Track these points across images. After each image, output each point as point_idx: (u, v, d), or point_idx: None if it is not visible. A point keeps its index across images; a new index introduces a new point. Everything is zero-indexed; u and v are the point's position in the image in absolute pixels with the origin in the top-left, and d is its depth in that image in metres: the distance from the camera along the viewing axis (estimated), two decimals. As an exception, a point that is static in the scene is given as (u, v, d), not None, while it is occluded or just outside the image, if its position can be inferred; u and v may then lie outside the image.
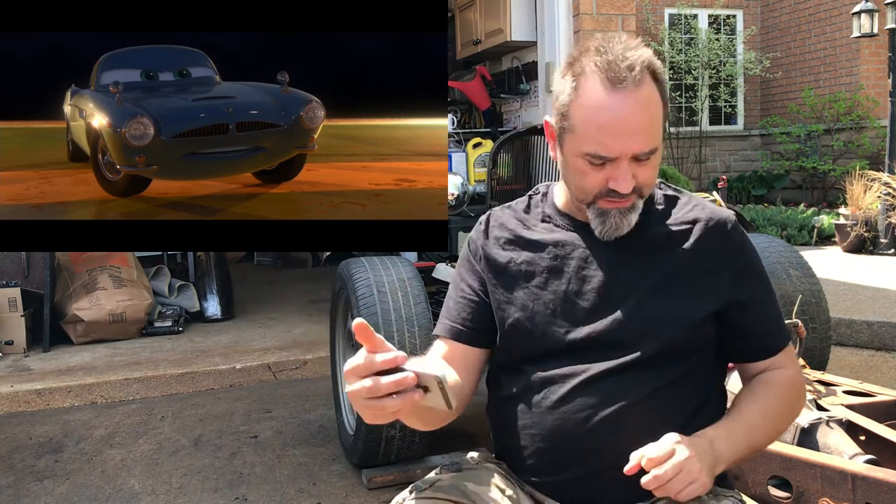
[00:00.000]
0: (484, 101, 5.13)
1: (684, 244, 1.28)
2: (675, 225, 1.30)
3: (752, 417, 1.25)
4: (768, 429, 1.27)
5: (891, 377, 3.78)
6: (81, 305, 4.58)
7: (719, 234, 1.29)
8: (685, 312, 1.24)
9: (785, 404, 1.30)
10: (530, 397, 1.27)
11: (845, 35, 9.51)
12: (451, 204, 3.41)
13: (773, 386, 1.29)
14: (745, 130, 11.27)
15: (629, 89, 1.17)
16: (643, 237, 1.28)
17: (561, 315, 1.27)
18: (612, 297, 1.25)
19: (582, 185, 1.25)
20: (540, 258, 1.31)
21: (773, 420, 1.28)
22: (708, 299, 1.26)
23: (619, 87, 1.17)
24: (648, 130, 1.19)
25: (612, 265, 1.27)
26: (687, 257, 1.27)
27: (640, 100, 1.18)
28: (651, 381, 1.22)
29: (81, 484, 2.78)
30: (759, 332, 1.31)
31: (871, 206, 6.91)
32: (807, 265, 3.02)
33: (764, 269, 1.34)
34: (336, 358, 3.10)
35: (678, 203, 1.33)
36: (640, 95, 1.18)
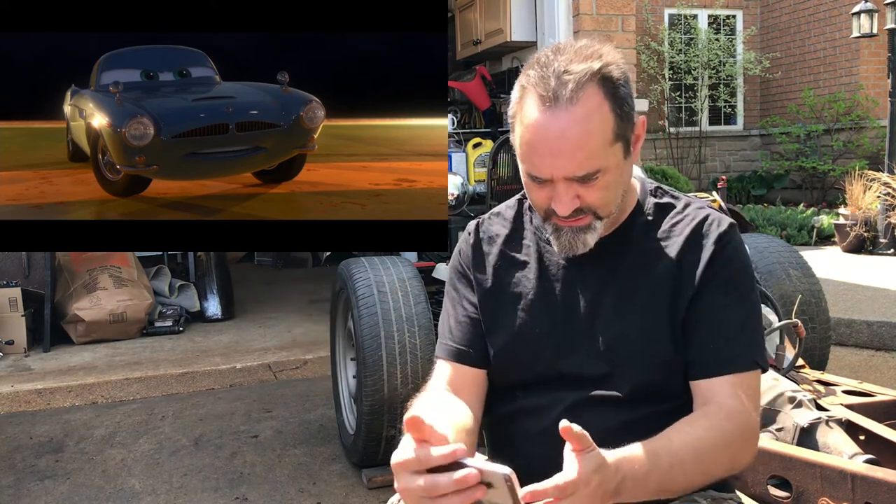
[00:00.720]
0: (484, 101, 5.13)
1: (669, 257, 1.20)
2: (661, 238, 1.22)
3: (682, 454, 1.05)
4: (695, 472, 1.07)
5: (891, 377, 3.78)
6: (82, 305, 4.59)
7: (703, 241, 1.20)
8: (670, 334, 1.18)
9: (724, 442, 1.09)
10: (520, 422, 1.24)
11: (845, 35, 9.51)
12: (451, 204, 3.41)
13: (713, 417, 1.11)
14: (745, 130, 11.28)
15: (561, 108, 1.08)
16: (631, 255, 1.22)
17: (550, 342, 1.22)
18: (600, 322, 1.20)
19: (532, 200, 1.20)
20: (527, 279, 1.26)
21: (704, 461, 1.07)
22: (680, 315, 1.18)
23: (550, 106, 1.09)
24: (583, 150, 1.09)
25: (597, 289, 1.21)
26: (670, 271, 1.20)
27: (573, 119, 1.08)
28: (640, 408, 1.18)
29: (82, 484, 2.78)
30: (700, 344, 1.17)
31: (870, 206, 6.91)
32: (806, 265, 3.02)
33: (748, 289, 1.20)
34: (336, 358, 3.10)
35: (671, 213, 1.25)
36: (575, 114, 1.08)
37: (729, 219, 1.23)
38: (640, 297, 1.19)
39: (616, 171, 1.14)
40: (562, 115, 1.08)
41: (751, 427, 1.14)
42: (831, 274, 5.68)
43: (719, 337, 1.16)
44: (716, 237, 1.20)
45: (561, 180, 1.12)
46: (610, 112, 1.11)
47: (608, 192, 1.14)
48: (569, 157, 1.09)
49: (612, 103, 1.11)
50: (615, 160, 1.13)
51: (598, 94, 1.10)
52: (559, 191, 1.13)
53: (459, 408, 1.18)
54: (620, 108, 1.12)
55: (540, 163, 1.12)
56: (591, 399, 1.19)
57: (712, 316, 1.17)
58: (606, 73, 1.11)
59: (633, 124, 1.15)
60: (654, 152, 10.46)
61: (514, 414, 1.25)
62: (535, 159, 1.12)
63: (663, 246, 1.21)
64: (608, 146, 1.11)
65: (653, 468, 1.01)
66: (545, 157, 1.11)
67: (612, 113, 1.11)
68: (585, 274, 1.22)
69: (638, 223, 1.24)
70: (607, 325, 1.19)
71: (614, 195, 1.16)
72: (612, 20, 4.81)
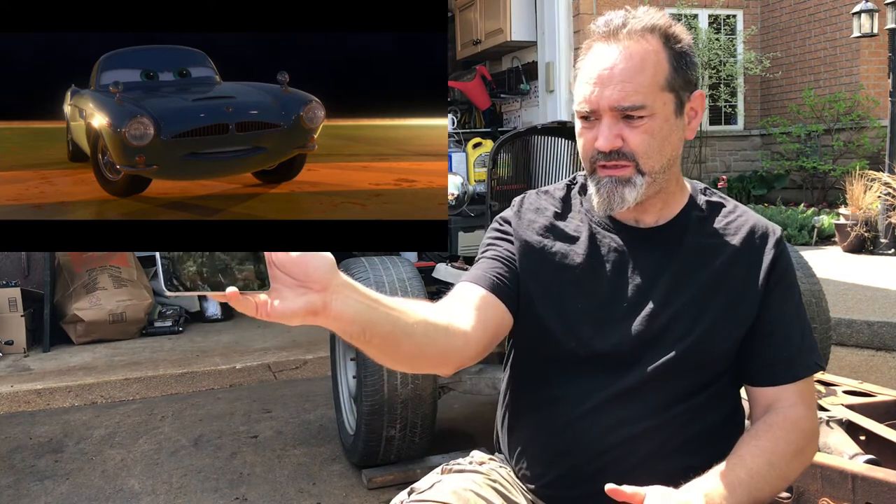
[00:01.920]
0: (484, 101, 5.13)
1: (725, 255, 1.21)
2: (718, 233, 1.23)
3: (756, 466, 1.09)
4: (774, 478, 1.11)
5: (891, 377, 3.78)
6: (81, 305, 4.58)
7: (761, 245, 1.22)
8: (720, 328, 1.18)
9: (794, 450, 1.14)
10: (551, 408, 1.22)
11: (845, 35, 9.51)
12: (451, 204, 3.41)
13: (779, 428, 1.14)
14: (746, 130, 11.28)
15: (620, 41, 1.13)
16: (685, 247, 1.22)
17: (589, 320, 1.19)
18: (647, 307, 1.18)
19: (580, 149, 1.20)
20: (575, 253, 1.22)
21: (779, 468, 1.12)
22: (743, 313, 1.19)
23: (609, 41, 1.14)
24: (631, 82, 1.11)
25: (650, 272, 1.20)
26: (725, 269, 1.20)
27: (628, 52, 1.12)
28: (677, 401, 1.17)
29: (81, 484, 2.78)
30: (773, 353, 1.19)
31: (871, 206, 6.91)
32: (807, 265, 3.02)
33: (798, 291, 1.24)
34: (336, 358, 3.10)
35: (722, 211, 1.26)
36: (630, 49, 1.12)
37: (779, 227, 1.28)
38: (691, 289, 1.19)
39: (662, 121, 1.14)
40: (618, 48, 1.13)
41: (814, 429, 1.19)
42: (832, 274, 5.68)
43: (790, 346, 1.19)
44: (774, 241, 1.22)
45: (607, 112, 1.13)
46: (666, 61, 1.14)
47: (651, 140, 1.13)
48: (616, 85, 1.11)
49: (669, 54, 1.14)
50: (663, 109, 1.14)
51: (657, 42, 1.14)
52: (603, 125, 1.14)
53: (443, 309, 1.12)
54: (678, 62, 1.15)
55: (589, 92, 1.13)
56: (620, 394, 1.17)
57: (783, 326, 1.20)
58: (669, 30, 1.15)
59: (691, 91, 1.17)
60: (654, 152, 10.46)
61: (539, 405, 1.23)
62: (585, 88, 1.14)
63: (719, 243, 1.22)
64: (657, 89, 1.13)
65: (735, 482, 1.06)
66: (595, 84, 1.13)
67: (668, 63, 1.14)
68: (637, 259, 1.21)
69: (692, 217, 1.24)
70: (653, 314, 1.18)
71: (659, 148, 1.15)
72: (612, 20, 4.81)
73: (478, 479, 1.23)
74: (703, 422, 1.19)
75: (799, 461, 1.16)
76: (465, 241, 3.40)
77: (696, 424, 1.18)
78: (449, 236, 3.32)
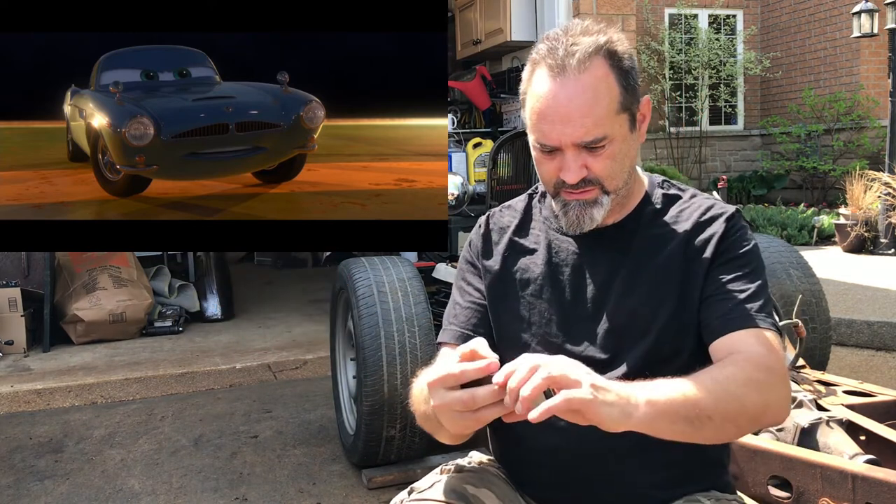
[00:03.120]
0: (484, 101, 5.13)
1: (675, 241, 1.22)
2: (669, 224, 1.24)
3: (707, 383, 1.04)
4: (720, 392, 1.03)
5: (891, 377, 3.78)
6: (81, 305, 4.58)
7: (707, 224, 1.22)
8: (680, 312, 1.19)
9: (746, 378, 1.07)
10: None
11: (845, 35, 9.51)
12: (451, 204, 3.40)
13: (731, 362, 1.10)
14: (745, 130, 11.28)
15: (570, 76, 1.14)
16: (639, 240, 1.24)
17: (557, 326, 1.23)
18: (609, 305, 1.21)
19: (540, 174, 1.23)
20: (535, 265, 1.28)
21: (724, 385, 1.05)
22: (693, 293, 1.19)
23: (559, 74, 1.14)
24: (590, 117, 1.13)
25: (606, 273, 1.23)
26: (677, 255, 1.21)
27: (581, 86, 1.13)
28: None
29: (81, 484, 2.78)
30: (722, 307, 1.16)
31: (871, 206, 6.91)
32: (807, 265, 3.02)
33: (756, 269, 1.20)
34: (336, 358, 3.10)
35: (678, 202, 1.27)
36: (582, 82, 1.13)
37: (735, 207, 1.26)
38: (647, 279, 1.20)
39: (622, 142, 1.18)
40: (570, 84, 1.14)
41: (776, 368, 1.11)
42: (832, 274, 5.68)
43: (735, 301, 1.16)
44: (724, 219, 1.22)
45: (570, 148, 1.16)
46: (616, 83, 1.16)
47: (614, 163, 1.18)
48: (577, 123, 1.14)
49: (617, 75, 1.16)
50: (621, 131, 1.17)
51: (604, 66, 1.15)
52: (568, 159, 1.16)
53: None
54: (626, 80, 1.17)
55: (549, 130, 1.16)
56: None
57: (726, 286, 1.18)
58: (612, 48, 1.17)
59: (638, 100, 1.20)
60: (654, 152, 10.46)
61: None
62: (545, 127, 1.16)
63: (671, 231, 1.23)
64: (614, 115, 1.16)
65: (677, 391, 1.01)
66: (555, 124, 1.15)
67: (618, 84, 1.16)
68: (594, 259, 1.24)
69: (647, 212, 1.26)
70: (615, 309, 1.21)
71: (620, 167, 1.19)
72: (612, 20, 4.81)
73: (476, 480, 1.25)
74: None
75: (755, 390, 1.07)
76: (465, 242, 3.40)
77: None
78: (449, 236, 3.32)
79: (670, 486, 1.19)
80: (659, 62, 10.30)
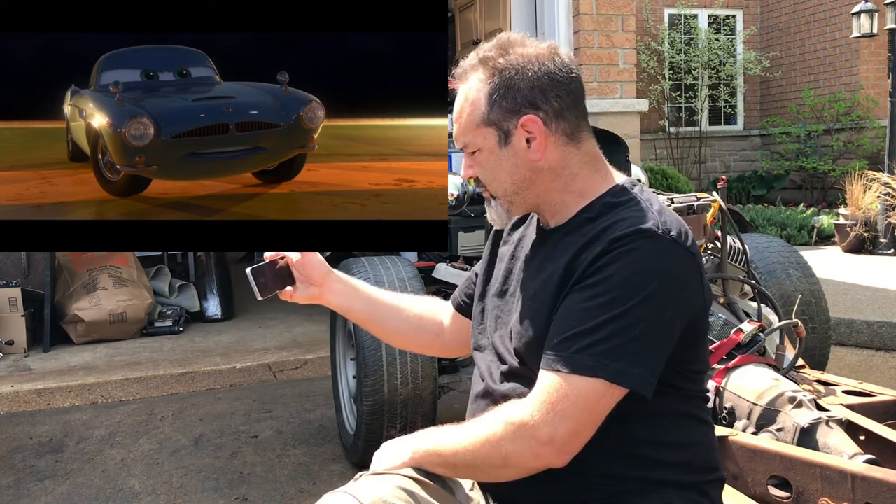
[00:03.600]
0: (484, 102, 5.13)
1: (567, 256, 1.18)
2: (580, 235, 1.19)
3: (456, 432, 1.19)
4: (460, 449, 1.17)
5: (891, 377, 3.78)
6: (82, 305, 4.59)
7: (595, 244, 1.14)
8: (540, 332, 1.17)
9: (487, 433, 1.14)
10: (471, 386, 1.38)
11: (845, 35, 9.51)
12: (451, 204, 3.40)
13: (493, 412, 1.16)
14: (745, 130, 11.28)
15: (457, 84, 1.26)
16: (557, 247, 1.23)
17: (493, 312, 1.33)
18: (515, 302, 1.28)
19: None
20: (507, 255, 1.37)
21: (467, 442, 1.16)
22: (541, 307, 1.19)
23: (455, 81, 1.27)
24: (458, 123, 1.25)
25: (529, 273, 1.29)
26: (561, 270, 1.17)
27: (459, 93, 1.25)
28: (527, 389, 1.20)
29: (82, 484, 2.78)
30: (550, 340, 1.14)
31: (870, 206, 6.91)
32: (806, 265, 3.02)
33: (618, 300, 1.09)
34: (336, 358, 3.10)
35: (608, 213, 1.19)
36: (461, 90, 1.25)
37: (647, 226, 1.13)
38: (535, 289, 1.24)
39: (489, 155, 1.24)
40: (458, 88, 1.26)
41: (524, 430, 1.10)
42: (831, 274, 5.69)
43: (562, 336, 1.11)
44: (610, 239, 1.12)
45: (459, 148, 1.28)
46: (483, 97, 1.22)
47: (485, 172, 1.26)
48: (455, 125, 1.27)
49: (490, 90, 1.21)
50: (486, 143, 1.23)
51: (480, 79, 1.22)
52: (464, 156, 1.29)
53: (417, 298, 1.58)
54: (497, 96, 1.21)
55: None
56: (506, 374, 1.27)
57: (565, 315, 1.13)
58: (498, 64, 1.21)
59: (515, 118, 1.21)
60: (654, 152, 10.47)
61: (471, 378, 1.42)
62: None
63: (575, 242, 1.18)
64: (475, 127, 1.23)
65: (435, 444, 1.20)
66: None
67: (487, 98, 1.21)
68: (531, 261, 1.30)
69: (580, 219, 1.23)
70: (515, 309, 1.27)
71: (493, 177, 1.26)
72: (612, 20, 4.81)
73: None
74: None
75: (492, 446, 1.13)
76: (465, 241, 3.40)
77: None
78: (449, 236, 3.31)
79: None
80: (659, 62, 10.30)
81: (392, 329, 1.54)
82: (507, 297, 1.32)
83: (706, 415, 1.29)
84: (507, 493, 1.25)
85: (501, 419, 1.14)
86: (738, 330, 2.09)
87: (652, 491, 1.18)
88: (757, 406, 1.88)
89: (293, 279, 1.46)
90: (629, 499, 1.18)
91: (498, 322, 1.32)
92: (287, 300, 1.47)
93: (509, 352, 1.26)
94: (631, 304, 1.09)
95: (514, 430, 1.11)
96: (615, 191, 1.24)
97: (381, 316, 1.51)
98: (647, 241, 1.12)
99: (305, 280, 1.46)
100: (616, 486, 1.18)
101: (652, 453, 1.18)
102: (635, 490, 1.18)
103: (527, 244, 1.33)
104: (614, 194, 1.23)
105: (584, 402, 1.09)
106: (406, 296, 1.58)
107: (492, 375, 1.29)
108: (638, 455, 1.17)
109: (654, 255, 1.12)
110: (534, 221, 1.35)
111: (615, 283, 1.10)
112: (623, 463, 1.17)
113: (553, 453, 1.11)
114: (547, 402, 1.10)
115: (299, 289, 1.46)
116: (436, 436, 1.22)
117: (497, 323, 1.32)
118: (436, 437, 1.22)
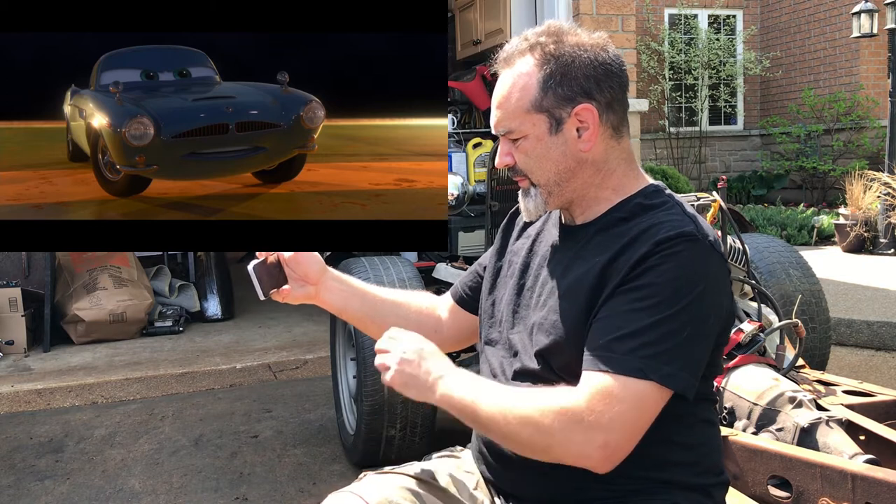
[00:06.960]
0: (484, 101, 5.12)
1: (605, 256, 1.16)
2: (615, 236, 1.18)
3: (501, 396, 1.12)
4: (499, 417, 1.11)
5: (891, 377, 3.78)
6: (82, 305, 4.59)
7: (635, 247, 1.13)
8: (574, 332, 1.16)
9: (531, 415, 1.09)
10: None
11: (845, 35, 9.51)
12: (451, 204, 3.40)
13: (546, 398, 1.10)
14: (745, 130, 11.28)
15: (503, 69, 1.23)
16: (588, 246, 1.22)
17: (510, 307, 1.30)
18: (537, 298, 1.25)
19: None
20: (523, 249, 1.34)
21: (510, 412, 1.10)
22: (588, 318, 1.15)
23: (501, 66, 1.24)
24: (503, 108, 1.22)
25: (555, 270, 1.25)
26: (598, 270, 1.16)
27: (503, 79, 1.22)
28: None
29: (82, 484, 2.78)
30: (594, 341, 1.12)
31: (870, 206, 6.91)
32: (806, 265, 3.02)
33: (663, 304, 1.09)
34: (336, 358, 3.10)
35: (643, 214, 1.19)
36: (505, 76, 1.22)
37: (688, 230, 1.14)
38: (566, 287, 1.20)
39: (537, 142, 1.21)
40: (501, 75, 1.24)
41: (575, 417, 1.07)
42: (831, 274, 5.68)
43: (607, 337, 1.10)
44: (654, 242, 1.12)
45: (501, 135, 1.24)
46: (535, 83, 1.19)
47: (529, 160, 1.22)
48: (497, 111, 1.23)
49: (542, 75, 1.19)
50: (535, 130, 1.20)
51: (530, 63, 1.20)
52: (500, 144, 1.26)
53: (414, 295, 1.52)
54: (552, 82, 1.18)
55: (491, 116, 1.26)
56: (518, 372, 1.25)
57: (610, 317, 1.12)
58: (550, 50, 1.19)
59: (569, 107, 1.19)
60: (654, 152, 10.47)
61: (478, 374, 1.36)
62: None
63: (611, 244, 1.18)
64: (524, 112, 1.20)
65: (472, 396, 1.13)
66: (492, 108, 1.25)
67: (538, 84, 1.19)
68: (557, 254, 1.27)
69: (611, 218, 1.23)
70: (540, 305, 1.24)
71: (538, 165, 1.22)
72: (612, 20, 4.81)
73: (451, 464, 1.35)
74: None
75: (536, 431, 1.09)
76: (465, 241, 3.40)
77: None
78: (449, 236, 3.32)
79: None
80: (659, 62, 10.30)
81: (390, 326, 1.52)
82: (524, 291, 1.29)
83: (714, 416, 1.29)
84: (513, 488, 1.24)
85: (554, 408, 1.08)
86: (738, 330, 2.09)
87: (659, 491, 1.18)
88: (757, 406, 1.88)
89: (285, 278, 1.42)
90: (635, 498, 1.18)
91: (515, 317, 1.28)
92: (279, 301, 1.43)
93: (526, 350, 1.23)
94: (678, 307, 1.09)
95: (566, 426, 1.07)
96: (647, 192, 1.24)
97: (378, 313, 1.46)
98: (691, 245, 1.12)
99: (301, 279, 1.42)
100: (623, 484, 1.18)
101: (661, 453, 1.18)
102: (642, 490, 1.18)
103: (547, 239, 1.30)
104: (646, 195, 1.23)
105: (638, 404, 1.08)
106: (402, 291, 1.55)
107: (504, 372, 1.27)
108: (647, 454, 1.16)
109: (698, 259, 1.12)
110: (552, 217, 1.33)
111: (661, 286, 1.10)
112: (631, 461, 1.16)
113: (601, 459, 1.08)
114: (602, 402, 1.07)
115: (294, 288, 1.42)
116: (475, 388, 1.14)
117: (514, 318, 1.28)
118: (475, 391, 1.13)
